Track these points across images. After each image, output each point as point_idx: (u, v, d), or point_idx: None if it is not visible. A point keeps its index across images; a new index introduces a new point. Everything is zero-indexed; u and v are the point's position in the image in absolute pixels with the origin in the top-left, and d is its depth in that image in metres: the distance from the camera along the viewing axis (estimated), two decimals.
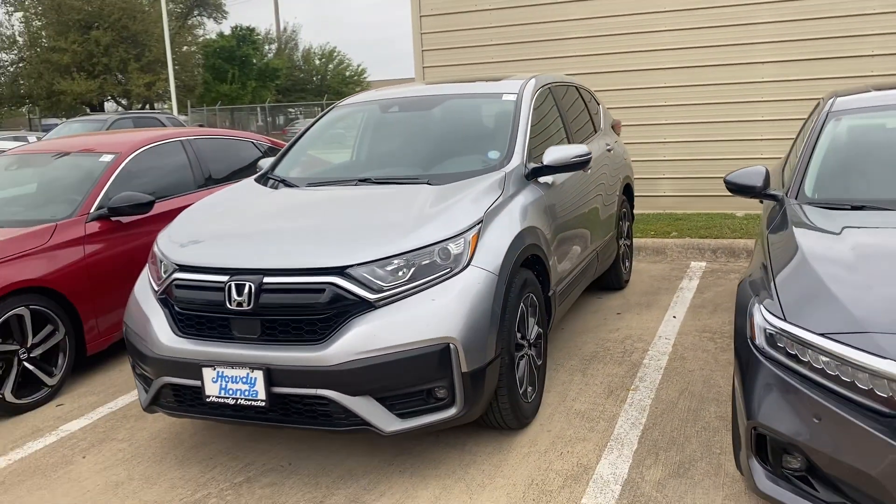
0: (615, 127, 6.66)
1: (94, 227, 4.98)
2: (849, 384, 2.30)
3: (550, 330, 4.31)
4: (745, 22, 8.54)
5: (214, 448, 3.79)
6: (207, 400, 3.30)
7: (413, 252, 3.27)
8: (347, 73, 51.20)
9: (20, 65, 35.83)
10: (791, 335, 2.46)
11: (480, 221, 3.50)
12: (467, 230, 3.41)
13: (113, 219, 5.08)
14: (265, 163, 4.87)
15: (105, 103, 38.37)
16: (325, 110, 5.18)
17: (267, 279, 3.25)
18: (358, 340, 3.12)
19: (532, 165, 4.18)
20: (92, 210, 5.01)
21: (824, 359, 2.36)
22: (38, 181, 5.51)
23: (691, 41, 8.97)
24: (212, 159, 6.15)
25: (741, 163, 4.73)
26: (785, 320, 2.51)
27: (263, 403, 3.19)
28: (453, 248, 3.34)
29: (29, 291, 4.47)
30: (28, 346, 4.47)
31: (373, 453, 3.60)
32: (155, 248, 3.78)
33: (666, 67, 9.19)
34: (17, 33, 35.73)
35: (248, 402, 3.22)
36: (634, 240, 7.45)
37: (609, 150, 5.84)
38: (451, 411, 3.23)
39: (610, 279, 6.04)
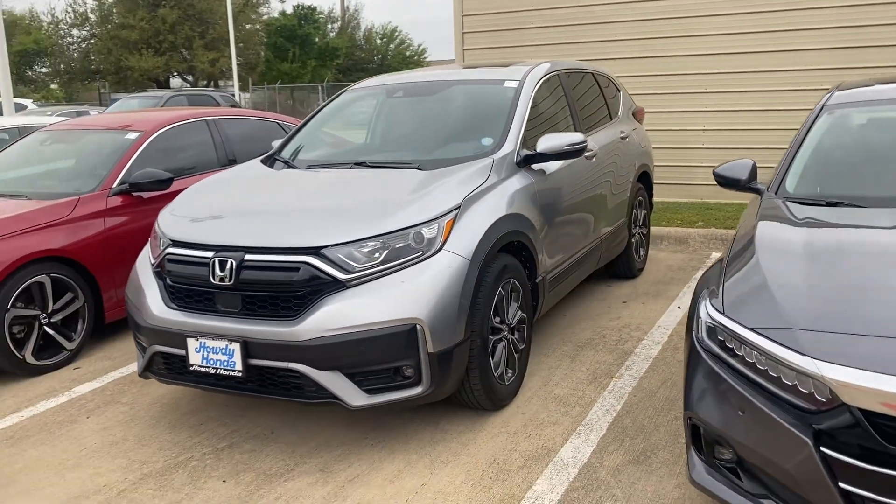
0: (637, 114, 6.62)
1: (116, 201, 5.24)
2: (775, 379, 2.33)
3: (539, 316, 4.38)
4: (791, 7, 8.33)
5: (206, 415, 4.00)
6: (191, 369, 3.50)
7: (387, 235, 3.39)
8: (408, 53, 51.39)
9: (91, 41, 37.11)
10: (726, 328, 2.49)
11: (458, 207, 3.58)
12: (442, 216, 3.50)
13: (134, 194, 5.33)
14: (277, 143, 5.04)
15: (171, 79, 39.47)
16: (337, 93, 5.31)
17: (248, 256, 3.42)
18: (329, 318, 3.25)
19: (525, 153, 4.23)
20: (114, 185, 5.27)
21: (756, 353, 2.39)
22: (68, 156, 5.80)
23: (737, 27, 8.80)
24: (237, 139, 6.35)
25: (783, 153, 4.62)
26: (724, 314, 2.54)
27: (240, 374, 3.37)
28: (427, 232, 3.44)
29: (50, 260, 4.76)
30: (49, 311, 4.77)
31: (352, 426, 3.76)
32: (155, 224, 3.99)
33: (710, 53, 9.06)
34: (89, 10, 36.98)
35: (227, 373, 3.40)
36: (658, 228, 7.42)
37: (623, 138, 5.82)
38: (418, 389, 3.34)
39: (620, 267, 6.04)
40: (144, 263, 3.93)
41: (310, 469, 3.38)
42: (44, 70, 38.56)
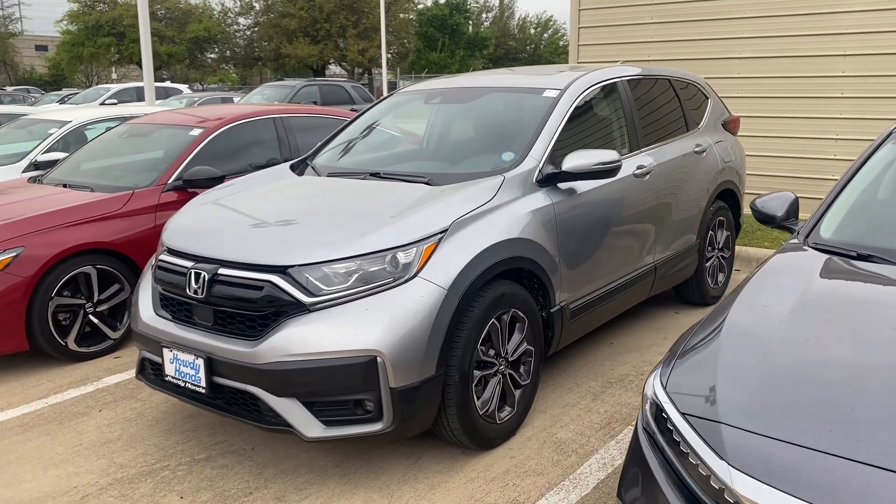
0: (729, 125, 5.99)
1: (170, 196, 5.35)
2: (694, 466, 1.92)
3: (557, 348, 4.02)
4: None
5: (202, 421, 3.98)
6: (166, 379, 3.47)
7: (359, 257, 3.18)
8: (561, 43, 50.56)
9: (255, 29, 39.27)
10: (662, 408, 2.10)
11: (444, 231, 3.31)
12: (423, 239, 3.24)
13: (189, 190, 5.43)
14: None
15: (327, 67, 41.07)
16: (382, 97, 5.14)
17: (221, 270, 3.32)
18: (287, 342, 3.10)
19: (549, 171, 3.87)
20: (170, 181, 5.39)
21: (682, 441, 1.99)
22: (138, 150, 6.01)
23: (878, 24, 7.84)
24: (304, 137, 6.34)
25: None
26: (665, 389, 2.14)
27: (203, 391, 3.29)
28: (402, 257, 3.20)
29: (96, 252, 4.93)
30: (94, 301, 4.95)
31: (328, 452, 3.60)
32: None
33: (846, 54, 8.14)
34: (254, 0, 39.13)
35: (193, 387, 3.33)
36: (758, 250, 6.74)
37: (699, 152, 5.27)
38: (378, 426, 3.12)
39: (690, 293, 5.50)
40: (149, 268, 3.95)
41: (266, 496, 3.26)
42: (212, 56, 41.25)
